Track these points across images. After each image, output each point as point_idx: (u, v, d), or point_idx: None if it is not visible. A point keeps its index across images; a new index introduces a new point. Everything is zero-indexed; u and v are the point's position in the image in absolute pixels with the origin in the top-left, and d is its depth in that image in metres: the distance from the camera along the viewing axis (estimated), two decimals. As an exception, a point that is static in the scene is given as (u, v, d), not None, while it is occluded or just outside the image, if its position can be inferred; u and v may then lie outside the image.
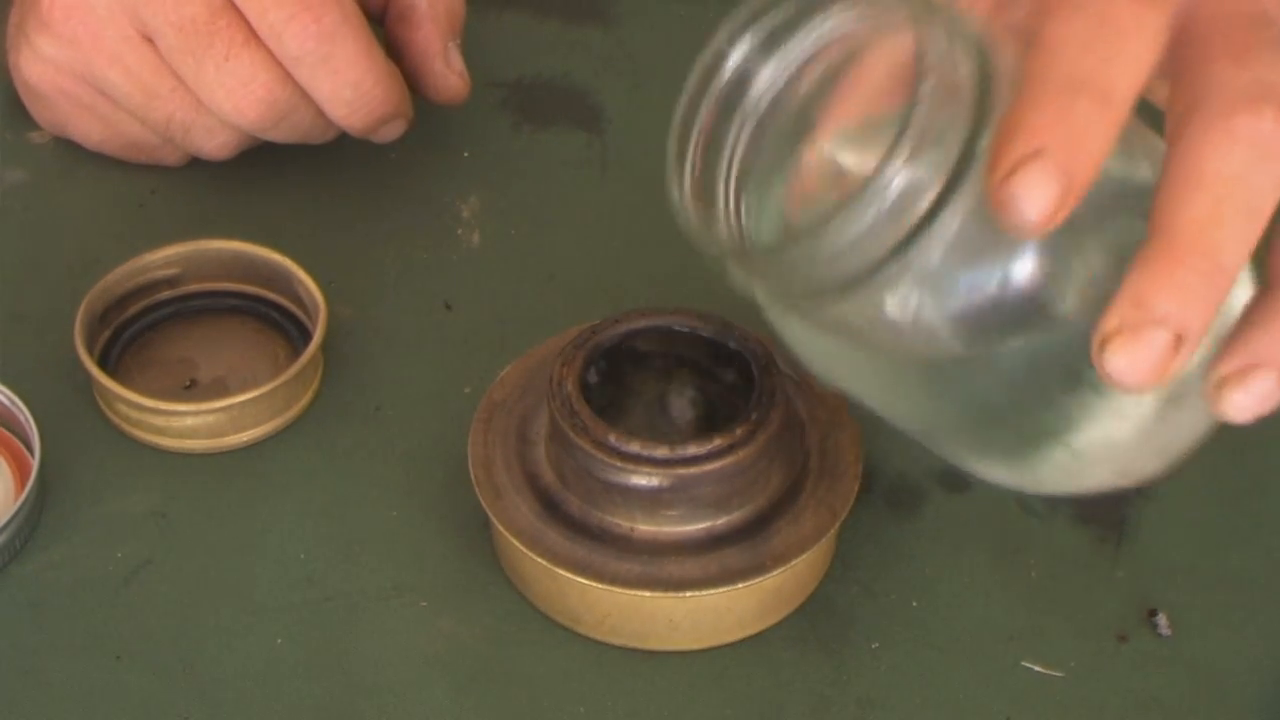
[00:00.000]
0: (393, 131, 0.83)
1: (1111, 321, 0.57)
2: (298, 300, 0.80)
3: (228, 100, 0.79)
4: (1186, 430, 0.62)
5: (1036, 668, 0.71)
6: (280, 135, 0.82)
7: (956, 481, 0.77)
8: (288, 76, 0.79)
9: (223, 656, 0.71)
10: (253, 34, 0.78)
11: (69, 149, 0.88)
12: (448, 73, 0.84)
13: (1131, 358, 0.56)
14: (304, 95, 0.80)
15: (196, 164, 0.87)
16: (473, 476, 0.72)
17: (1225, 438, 0.78)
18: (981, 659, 0.71)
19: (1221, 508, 0.76)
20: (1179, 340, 0.57)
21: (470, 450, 0.73)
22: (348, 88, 0.79)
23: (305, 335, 0.79)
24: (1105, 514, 0.76)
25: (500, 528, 0.71)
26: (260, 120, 0.80)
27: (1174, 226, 0.56)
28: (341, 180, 0.88)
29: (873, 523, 0.75)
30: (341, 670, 0.70)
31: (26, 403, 0.75)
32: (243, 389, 0.76)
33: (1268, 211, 0.57)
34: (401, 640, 0.71)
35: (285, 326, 0.81)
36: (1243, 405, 0.58)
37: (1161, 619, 0.72)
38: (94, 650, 0.71)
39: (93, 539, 0.74)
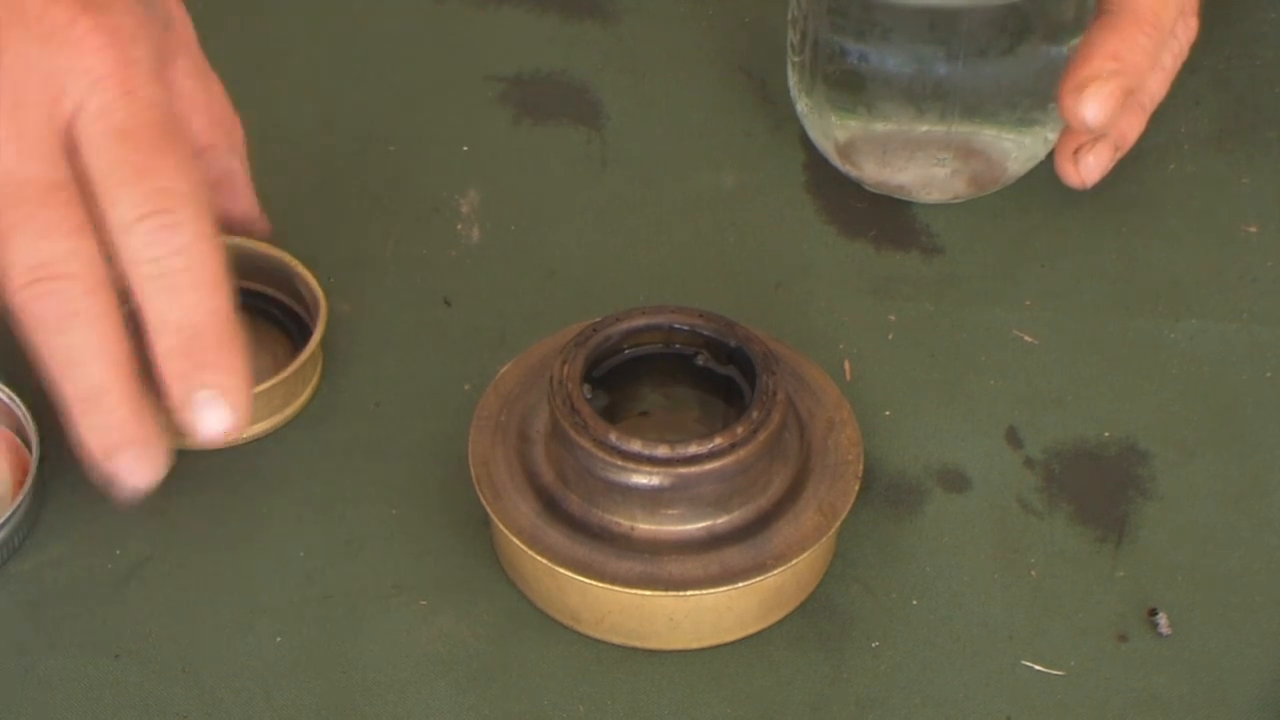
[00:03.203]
0: (217, 415, 0.67)
1: (1089, 70, 0.78)
2: (297, 296, 0.80)
3: (13, 279, 0.65)
4: None
5: (1037, 667, 0.71)
6: (52, 359, 0.66)
7: (957, 481, 0.77)
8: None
9: (222, 655, 0.70)
10: (87, 223, 0.66)
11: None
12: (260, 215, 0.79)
13: (1100, 100, 0.78)
14: (112, 307, 0.66)
15: (195, 159, 0.87)
16: (473, 475, 0.72)
17: (1226, 437, 0.79)
18: (982, 658, 0.71)
19: (1222, 508, 0.76)
20: (1130, 91, 0.79)
21: (470, 448, 0.73)
22: (184, 318, 0.66)
23: (305, 332, 0.79)
24: (1106, 513, 0.76)
25: (500, 526, 0.71)
26: (37, 312, 0.65)
27: (1136, 3, 0.79)
28: (339, 176, 0.88)
29: (873, 522, 0.75)
30: (341, 669, 0.70)
31: (25, 400, 0.75)
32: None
33: None
34: (401, 638, 0.71)
35: (285, 323, 0.81)
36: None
37: (1162, 619, 0.72)
38: (92, 648, 0.70)
39: (91, 537, 0.74)
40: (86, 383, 0.66)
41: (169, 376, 0.66)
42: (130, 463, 0.66)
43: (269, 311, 0.81)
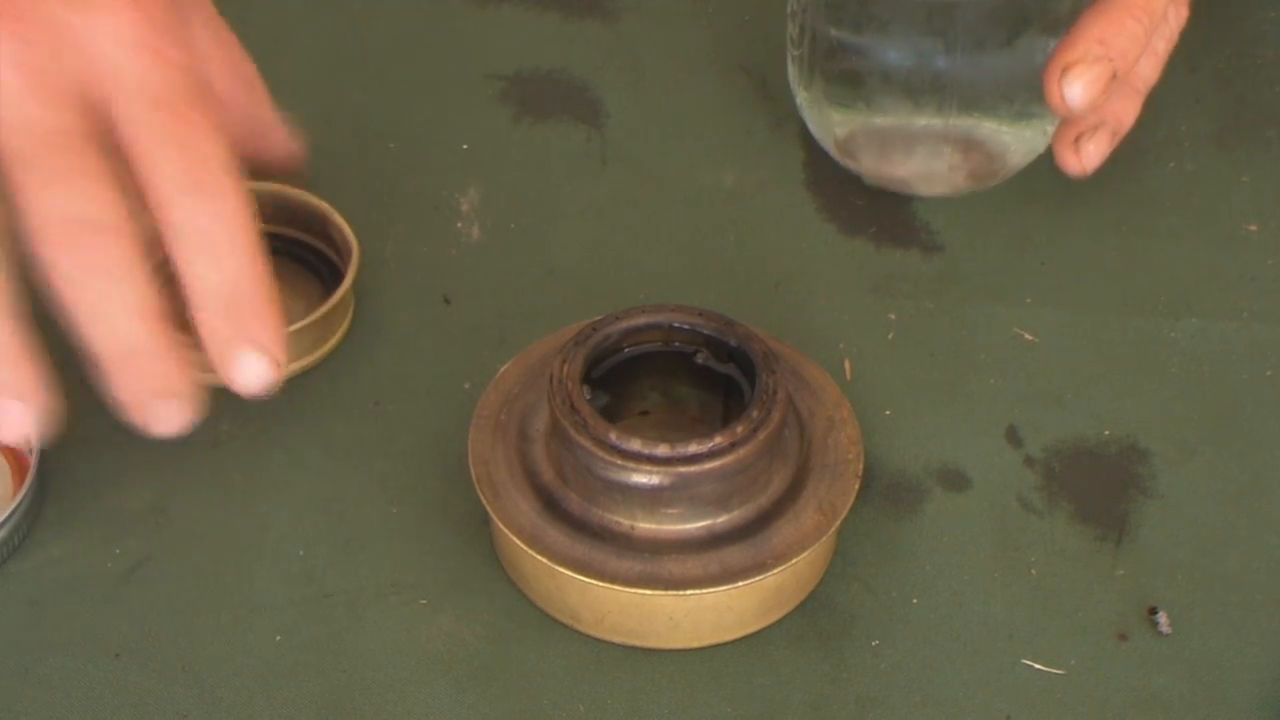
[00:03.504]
0: (257, 370, 0.66)
1: (1075, 53, 0.78)
2: (330, 242, 0.81)
3: (40, 229, 0.64)
4: None
5: (1037, 666, 0.71)
6: (80, 313, 0.65)
7: (957, 480, 0.76)
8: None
9: (221, 654, 0.70)
10: (114, 174, 0.65)
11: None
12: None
13: (1085, 83, 0.77)
14: (139, 258, 0.65)
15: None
16: (472, 473, 0.72)
17: (1226, 436, 0.79)
18: (982, 657, 0.71)
19: (1222, 506, 0.76)
20: (1115, 75, 0.78)
21: (470, 447, 0.73)
22: (225, 282, 0.66)
23: (338, 277, 0.80)
24: (1106, 512, 0.76)
25: (500, 525, 0.71)
26: (66, 264, 0.64)
27: None
28: (339, 173, 0.88)
29: (873, 521, 0.75)
30: (340, 668, 0.70)
31: None
32: None
33: None
34: (401, 638, 0.71)
35: (319, 269, 0.82)
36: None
37: (1162, 617, 0.72)
38: (92, 647, 0.70)
39: (91, 535, 0.74)
40: (117, 338, 0.66)
41: (209, 337, 0.66)
42: (162, 413, 0.67)
43: (303, 256, 0.82)
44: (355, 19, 0.96)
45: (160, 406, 0.67)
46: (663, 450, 0.69)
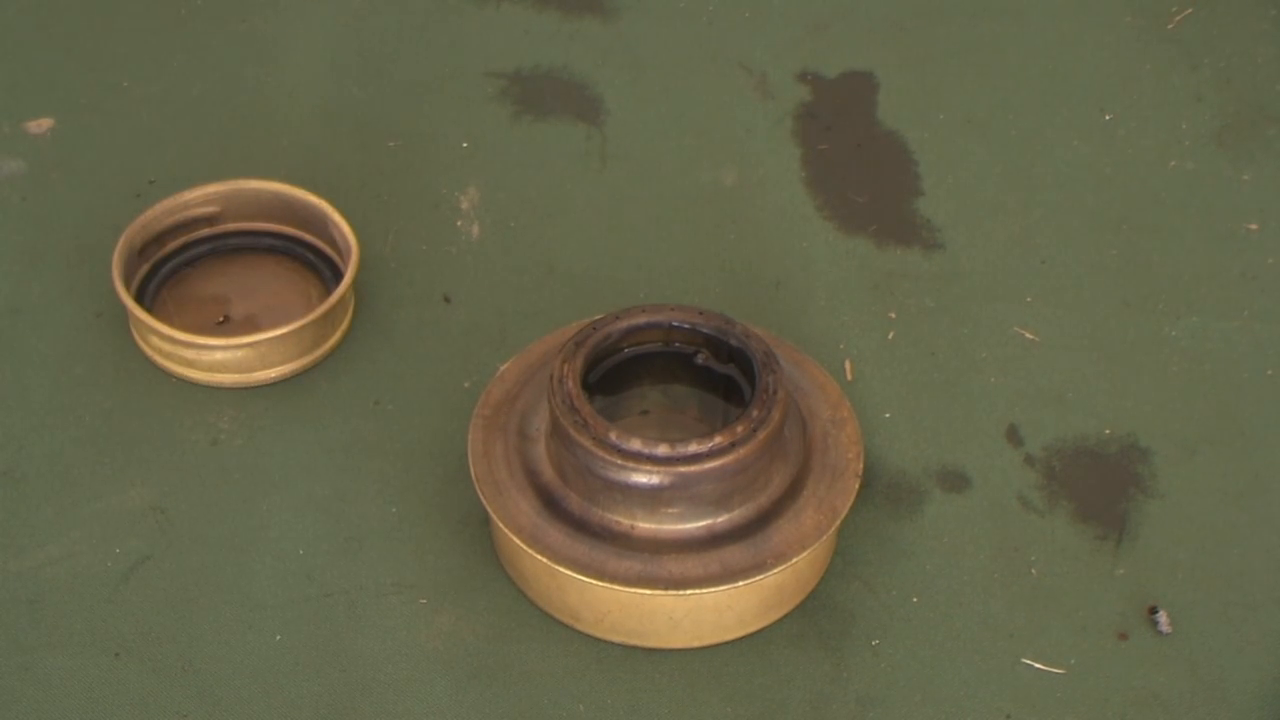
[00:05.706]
0: None
1: None
2: (332, 243, 0.81)
3: None
4: None
5: (1037, 665, 0.71)
6: None
7: (957, 479, 0.76)
8: None
9: (221, 653, 0.70)
10: None
11: (67, 139, 0.88)
12: None
13: None
14: None
15: (193, 159, 0.87)
16: (472, 473, 0.72)
17: (1226, 435, 0.79)
18: (982, 656, 0.71)
19: (1223, 505, 0.76)
20: None
21: (470, 446, 0.73)
22: None
23: (339, 277, 0.80)
24: (1106, 511, 0.76)
25: (500, 525, 0.71)
26: None
27: None
28: (339, 171, 0.87)
29: (873, 521, 0.75)
30: (340, 667, 0.70)
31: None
32: (273, 326, 0.77)
33: None
34: (401, 637, 0.71)
35: (319, 268, 0.82)
36: None
37: (1162, 617, 0.72)
38: (92, 647, 0.70)
39: (91, 535, 0.74)
40: None
41: None
42: None
43: (305, 256, 0.82)
44: (355, 18, 0.96)
45: None
46: (663, 450, 0.69)
